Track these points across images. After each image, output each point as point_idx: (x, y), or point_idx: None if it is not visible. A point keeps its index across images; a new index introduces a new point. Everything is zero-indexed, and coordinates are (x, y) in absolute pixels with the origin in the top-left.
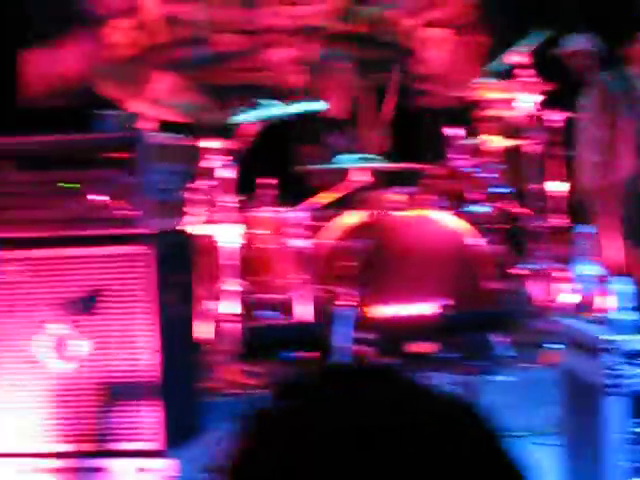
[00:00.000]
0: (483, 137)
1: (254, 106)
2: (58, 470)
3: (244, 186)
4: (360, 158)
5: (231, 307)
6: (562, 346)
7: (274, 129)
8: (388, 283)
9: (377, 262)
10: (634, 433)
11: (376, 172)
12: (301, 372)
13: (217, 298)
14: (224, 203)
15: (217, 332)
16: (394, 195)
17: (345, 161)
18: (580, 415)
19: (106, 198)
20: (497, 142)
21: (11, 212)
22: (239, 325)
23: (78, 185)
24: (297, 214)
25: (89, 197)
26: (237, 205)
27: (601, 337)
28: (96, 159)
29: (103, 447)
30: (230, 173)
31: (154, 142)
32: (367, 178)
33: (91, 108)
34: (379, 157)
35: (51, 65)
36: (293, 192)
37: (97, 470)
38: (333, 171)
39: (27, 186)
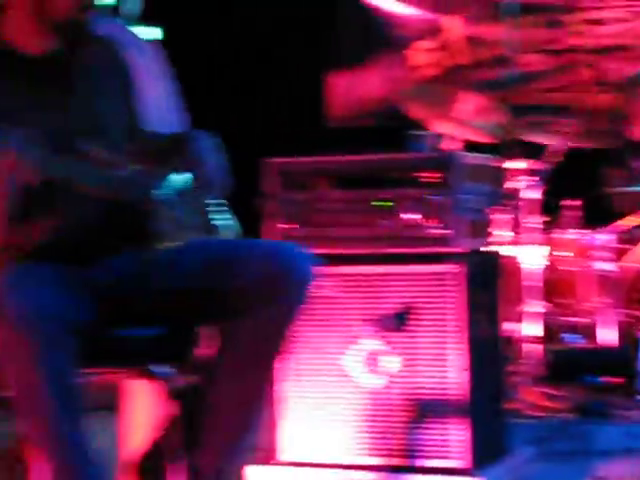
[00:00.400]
0: None
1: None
2: None
3: (549, 207)
4: None
5: (534, 329)
6: None
7: (579, 150)
8: None
9: None
10: None
11: None
12: None
13: (520, 320)
14: (529, 224)
15: (520, 354)
16: None
17: None
18: None
19: (419, 217)
20: None
21: (328, 229)
22: (541, 347)
23: (391, 203)
24: (603, 236)
25: (402, 215)
26: (541, 226)
27: None
28: (409, 178)
29: (411, 463)
30: (535, 194)
31: (466, 162)
32: None
33: (400, 129)
34: None
35: (357, 87)
36: (599, 214)
37: None
38: None
39: (343, 204)
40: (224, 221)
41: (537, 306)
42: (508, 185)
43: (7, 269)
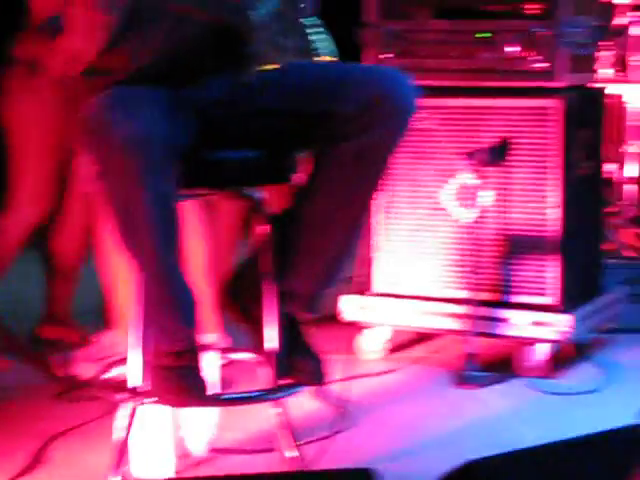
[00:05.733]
0: None
1: None
2: (456, 315)
3: None
4: None
5: (633, 170)
6: None
7: None
8: None
9: None
10: None
11: None
12: None
13: (621, 161)
14: (635, 62)
15: (619, 195)
16: None
17: None
18: None
19: (520, 49)
20: None
21: (427, 60)
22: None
23: (490, 34)
24: None
25: (503, 48)
26: None
27: None
28: (511, 9)
29: (500, 298)
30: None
31: None
32: None
33: None
34: None
35: None
36: None
37: (493, 319)
38: None
39: (443, 34)
40: (322, 43)
41: (638, 146)
42: (615, 21)
43: (107, 92)
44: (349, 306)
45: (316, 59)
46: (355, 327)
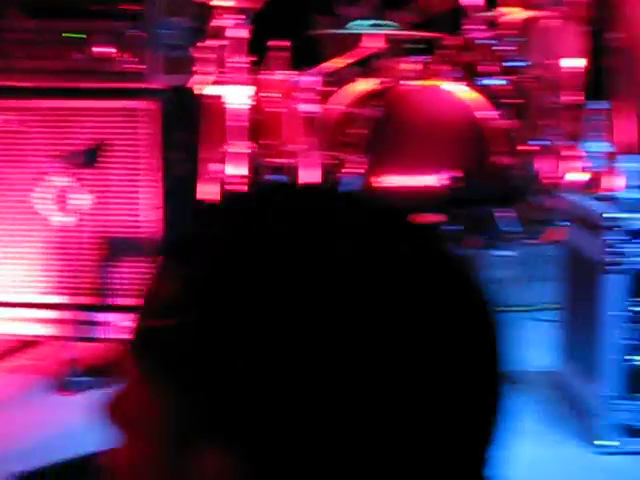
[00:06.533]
0: (501, 9)
1: None
2: (54, 321)
3: (256, 47)
4: (373, 24)
5: (237, 169)
6: (567, 223)
7: None
8: (396, 153)
9: (386, 131)
10: (633, 311)
11: (390, 40)
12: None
13: (223, 160)
14: (234, 64)
15: (223, 194)
16: (407, 64)
17: (358, 27)
18: (580, 292)
19: (112, 50)
20: (515, 14)
21: (14, 60)
22: (245, 188)
23: (84, 35)
24: (308, 78)
25: (95, 49)
26: (247, 66)
27: (605, 214)
28: (104, 10)
29: (100, 301)
30: (242, 33)
31: None
32: (380, 45)
33: None
34: (393, 24)
35: None
36: (305, 56)
37: (93, 323)
38: (346, 36)
39: (32, 34)
40: None
41: (242, 147)
42: (213, 23)
43: None
44: None
45: None
46: None
